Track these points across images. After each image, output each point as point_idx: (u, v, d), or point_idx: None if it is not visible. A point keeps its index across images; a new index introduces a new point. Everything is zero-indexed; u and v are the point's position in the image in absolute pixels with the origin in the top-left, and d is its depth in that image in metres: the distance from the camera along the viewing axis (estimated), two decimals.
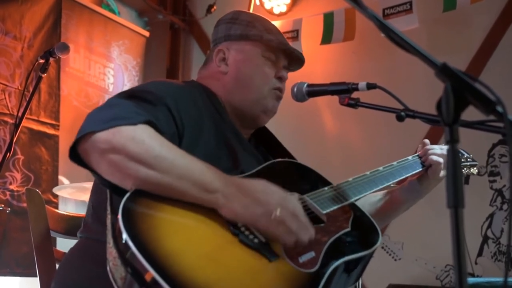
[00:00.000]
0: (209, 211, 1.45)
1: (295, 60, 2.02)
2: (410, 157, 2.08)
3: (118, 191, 1.42)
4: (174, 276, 1.22)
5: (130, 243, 1.24)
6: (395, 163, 2.03)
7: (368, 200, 2.10)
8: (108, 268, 1.32)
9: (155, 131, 1.48)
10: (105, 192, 1.53)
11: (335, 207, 1.69)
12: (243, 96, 1.91)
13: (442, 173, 2.04)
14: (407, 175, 2.02)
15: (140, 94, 1.61)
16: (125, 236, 1.26)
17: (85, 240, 1.74)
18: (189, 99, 1.74)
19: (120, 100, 1.57)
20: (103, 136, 1.40)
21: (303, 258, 1.47)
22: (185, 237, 1.36)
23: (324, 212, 1.65)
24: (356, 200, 1.79)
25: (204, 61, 2.05)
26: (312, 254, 1.49)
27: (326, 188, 1.76)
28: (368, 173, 1.93)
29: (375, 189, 1.89)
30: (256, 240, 1.44)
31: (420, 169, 2.04)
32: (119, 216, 1.30)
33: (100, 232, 1.59)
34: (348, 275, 1.58)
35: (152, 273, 1.20)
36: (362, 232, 1.67)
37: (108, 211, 1.44)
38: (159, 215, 1.38)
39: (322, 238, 1.56)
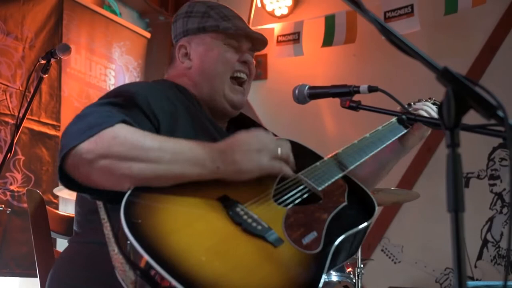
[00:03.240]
0: (208, 200, 1.46)
1: (258, 41, 2.00)
2: (394, 119, 2.06)
3: (112, 201, 1.41)
4: (184, 273, 1.22)
5: (137, 246, 1.24)
6: (380, 127, 2.02)
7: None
8: (117, 275, 1.32)
9: (132, 127, 1.49)
10: (91, 204, 1.54)
11: (329, 182, 1.71)
12: (208, 87, 1.91)
13: (426, 131, 2.06)
14: (394, 138, 2.01)
15: (110, 100, 1.62)
16: (131, 239, 1.26)
17: (76, 244, 1.74)
18: (160, 94, 1.74)
19: (90, 109, 1.56)
20: (85, 146, 1.40)
21: (306, 240, 1.47)
22: (189, 232, 1.36)
23: (320, 188, 1.67)
24: (348, 171, 1.80)
25: (170, 60, 2.05)
26: (314, 234, 1.50)
27: (318, 163, 1.77)
28: (356, 141, 1.94)
29: (365, 157, 1.89)
30: (259, 227, 1.44)
31: (405, 131, 2.03)
32: (122, 220, 1.29)
33: (92, 236, 1.59)
34: (350, 247, 1.60)
35: (161, 272, 1.20)
36: (358, 203, 1.69)
37: (105, 220, 1.43)
38: (161, 213, 1.38)
39: (321, 216, 1.57)
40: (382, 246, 5.07)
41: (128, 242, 1.27)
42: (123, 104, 1.59)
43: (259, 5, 5.53)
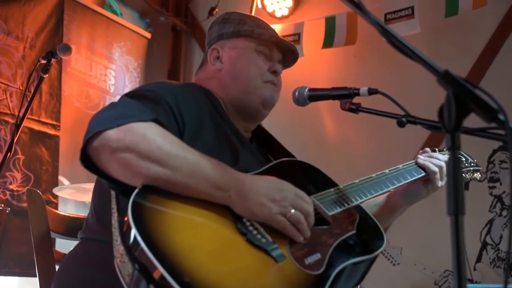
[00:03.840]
0: (218, 209, 1.45)
1: (290, 54, 2.03)
2: (413, 161, 2.08)
3: (125, 192, 1.41)
4: (182, 273, 1.22)
5: (140, 239, 1.24)
6: (400, 166, 2.03)
7: (366, 204, 2.10)
8: (115, 265, 1.33)
9: (163, 128, 1.48)
10: (108, 193, 1.53)
11: (340, 209, 1.70)
12: (238, 88, 1.92)
13: (440, 182, 2.06)
14: (413, 179, 2.01)
15: (142, 93, 1.63)
16: (134, 231, 1.26)
17: (85, 242, 1.74)
18: (188, 97, 1.75)
19: (123, 100, 1.58)
20: (114, 134, 1.40)
21: (309, 260, 1.47)
22: (193, 234, 1.36)
23: (330, 214, 1.66)
24: (361, 203, 1.79)
25: (200, 64, 2.06)
26: (318, 256, 1.50)
27: (332, 190, 1.76)
28: (374, 175, 1.93)
29: (381, 192, 1.89)
30: (263, 240, 1.44)
31: (424, 174, 2.04)
32: (129, 212, 1.29)
33: (102, 233, 1.59)
34: (352, 277, 1.59)
35: (160, 270, 1.20)
36: (367, 234, 1.67)
37: (114, 210, 1.44)
38: (168, 212, 1.38)
39: (328, 240, 1.57)
40: None
41: (132, 234, 1.27)
42: (154, 100, 1.60)
43: (260, 6, 5.53)
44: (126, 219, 1.30)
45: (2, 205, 3.93)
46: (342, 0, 1.18)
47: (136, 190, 1.37)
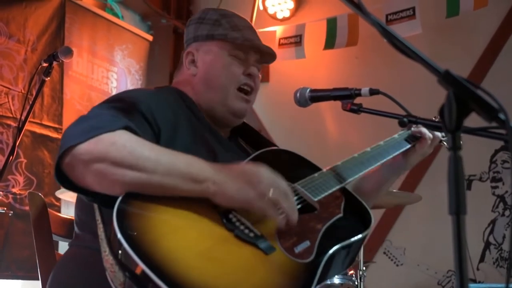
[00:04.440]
0: (203, 208, 1.46)
1: (266, 54, 1.99)
2: (396, 135, 2.08)
3: (106, 203, 1.42)
4: (172, 277, 1.22)
5: (126, 247, 1.25)
6: (382, 142, 2.03)
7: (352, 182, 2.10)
8: (108, 277, 1.33)
9: (134, 134, 1.49)
10: (89, 206, 1.54)
11: (326, 194, 1.70)
12: (209, 97, 1.90)
13: (429, 148, 2.06)
14: (395, 154, 2.01)
15: (113, 104, 1.62)
16: (121, 240, 1.26)
17: (76, 248, 1.75)
18: (162, 102, 1.74)
19: (94, 111, 1.58)
20: (84, 147, 1.40)
21: (299, 248, 1.48)
22: (181, 236, 1.37)
23: (316, 199, 1.66)
24: (346, 184, 1.80)
25: (178, 66, 2.04)
26: (307, 243, 1.50)
27: (316, 175, 1.77)
28: (356, 155, 1.93)
29: (365, 171, 1.89)
30: (251, 234, 1.45)
31: (408, 146, 2.04)
32: (114, 221, 1.30)
33: (91, 240, 1.60)
34: (343, 259, 1.60)
35: (150, 275, 1.20)
36: (354, 216, 1.68)
37: (99, 221, 1.44)
38: (153, 216, 1.39)
39: (316, 226, 1.57)
40: (384, 248, 5.07)
41: (119, 243, 1.27)
42: (127, 109, 1.60)
43: (261, 7, 5.53)
44: (112, 228, 1.31)
45: (5, 209, 3.93)
46: (343, 1, 1.18)
47: (120, 198, 1.37)
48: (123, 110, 1.59)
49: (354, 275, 3.60)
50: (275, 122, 5.33)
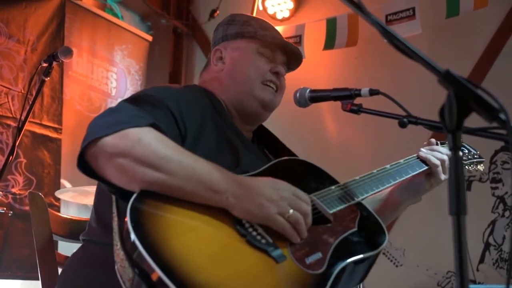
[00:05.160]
0: (216, 211, 1.45)
1: (294, 57, 2.03)
2: (415, 155, 2.06)
3: (125, 197, 1.42)
4: (181, 277, 1.22)
5: (138, 244, 1.25)
6: (401, 161, 2.01)
7: (370, 199, 2.09)
8: (116, 270, 1.33)
9: (160, 133, 1.49)
10: (109, 197, 1.53)
11: (341, 207, 1.69)
12: (237, 89, 1.92)
13: (443, 176, 2.03)
14: (414, 173, 2.00)
15: (141, 99, 1.63)
16: (133, 236, 1.26)
17: (88, 244, 1.75)
18: (190, 101, 1.75)
19: (122, 105, 1.58)
20: (110, 140, 1.41)
21: (310, 259, 1.47)
22: (193, 238, 1.36)
23: (331, 211, 1.65)
24: (362, 199, 1.78)
25: (205, 65, 2.07)
26: (319, 255, 1.49)
27: (333, 187, 1.75)
28: (375, 171, 1.92)
29: (382, 188, 1.87)
30: (263, 241, 1.44)
31: (426, 168, 2.02)
32: (127, 217, 1.30)
33: (103, 235, 1.60)
34: (354, 275, 1.58)
35: (159, 273, 1.20)
36: (369, 232, 1.66)
37: (115, 214, 1.44)
38: (167, 216, 1.39)
39: (329, 238, 1.56)
40: (384, 249, 5.06)
41: (131, 239, 1.27)
42: (155, 106, 1.60)
43: (261, 8, 5.53)
44: (125, 224, 1.31)
45: (5, 209, 3.93)
46: (343, 1, 1.18)
47: (135, 195, 1.37)
48: (152, 106, 1.60)
49: None
50: (275, 122, 5.32)
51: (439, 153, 2.04)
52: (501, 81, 4.72)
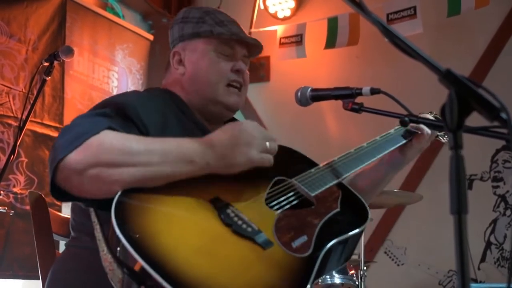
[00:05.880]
0: (200, 203, 1.46)
1: (253, 48, 1.98)
2: (392, 130, 2.07)
3: (103, 207, 1.41)
4: (170, 272, 1.22)
5: (125, 242, 1.25)
6: (378, 137, 2.03)
7: (349, 178, 2.08)
8: (108, 277, 1.33)
9: (117, 132, 1.48)
10: (85, 209, 1.55)
11: (323, 189, 1.71)
12: (200, 95, 1.89)
13: (426, 143, 2.04)
14: (392, 149, 2.01)
15: (96, 111, 1.61)
16: (118, 234, 1.26)
17: (73, 248, 1.75)
18: (150, 105, 1.72)
19: (76, 120, 1.56)
20: (73, 156, 1.40)
21: (296, 243, 1.48)
22: (179, 232, 1.37)
23: (313, 194, 1.67)
24: (343, 179, 1.80)
25: (166, 66, 2.03)
26: (304, 238, 1.50)
27: (312, 170, 1.78)
28: (352, 150, 1.95)
29: (361, 166, 1.90)
30: (249, 229, 1.45)
31: (404, 141, 2.02)
32: (112, 218, 1.30)
33: (88, 241, 1.59)
34: (340, 254, 1.60)
35: (149, 270, 1.20)
36: (352, 211, 1.69)
37: (95, 222, 1.44)
38: (151, 212, 1.39)
39: (313, 220, 1.58)
40: (385, 248, 5.07)
41: (117, 239, 1.27)
42: (111, 114, 1.58)
43: (262, 7, 5.53)
44: (110, 228, 1.31)
45: (6, 208, 3.94)
46: (345, 0, 1.18)
47: (116, 197, 1.37)
48: (108, 115, 1.58)
49: (355, 275, 3.60)
50: (276, 122, 5.33)
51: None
52: (503, 80, 4.72)
